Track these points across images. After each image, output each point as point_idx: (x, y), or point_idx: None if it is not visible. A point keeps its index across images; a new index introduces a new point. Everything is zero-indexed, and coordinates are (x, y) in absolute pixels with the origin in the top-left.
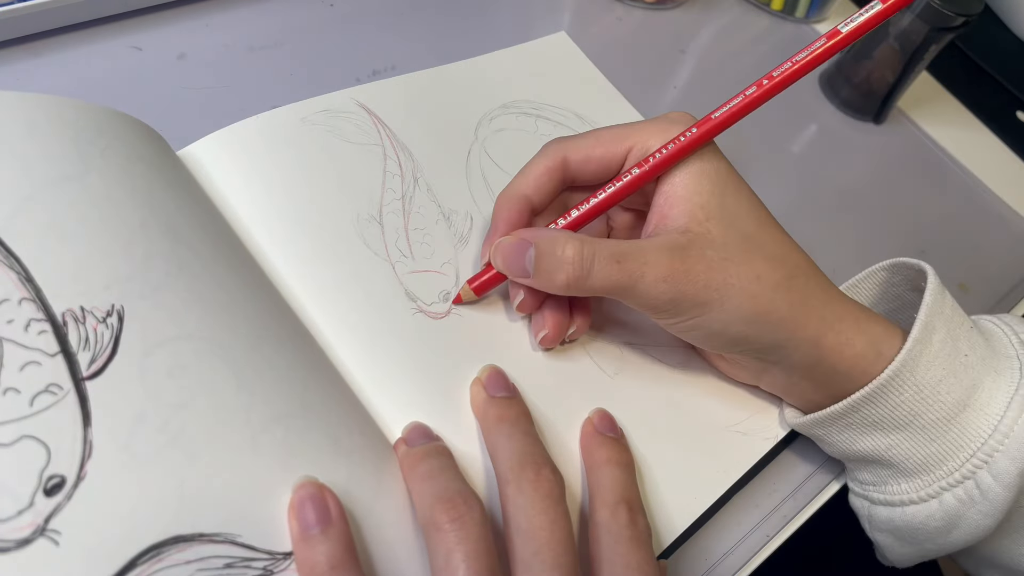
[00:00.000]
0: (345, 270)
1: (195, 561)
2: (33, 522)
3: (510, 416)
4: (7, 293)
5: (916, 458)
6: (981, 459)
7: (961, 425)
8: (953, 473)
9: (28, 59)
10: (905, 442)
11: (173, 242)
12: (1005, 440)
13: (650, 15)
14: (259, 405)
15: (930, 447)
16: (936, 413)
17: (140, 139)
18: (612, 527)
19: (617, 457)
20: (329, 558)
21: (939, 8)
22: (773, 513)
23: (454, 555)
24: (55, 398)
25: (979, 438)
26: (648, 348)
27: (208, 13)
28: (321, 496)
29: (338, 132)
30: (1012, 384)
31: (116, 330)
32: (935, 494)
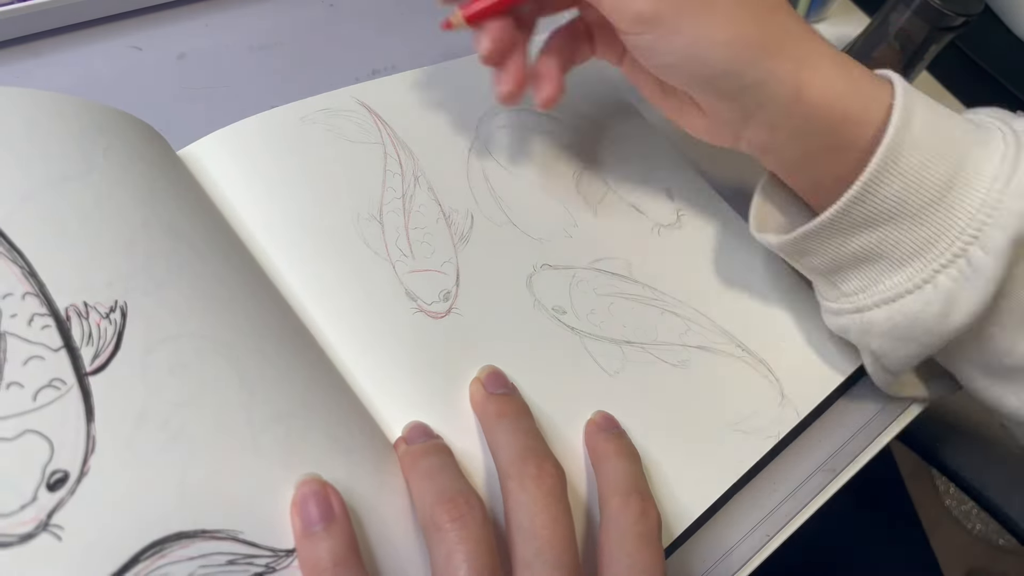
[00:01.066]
0: (345, 269)
1: (197, 557)
2: (36, 517)
3: (510, 412)
4: (10, 287)
5: (907, 244)
6: (971, 235)
7: (949, 204)
8: (944, 253)
9: (28, 59)
10: (894, 231)
11: (175, 240)
12: (993, 212)
13: None
14: (260, 403)
15: (919, 231)
16: (923, 197)
17: (141, 138)
18: (621, 521)
19: (624, 449)
20: (332, 555)
21: (939, 8)
22: (773, 513)
23: (455, 555)
24: (58, 393)
25: (967, 214)
26: (649, 347)
27: (208, 13)
28: (324, 493)
29: (338, 131)
30: (998, 153)
31: (119, 326)
32: (929, 278)
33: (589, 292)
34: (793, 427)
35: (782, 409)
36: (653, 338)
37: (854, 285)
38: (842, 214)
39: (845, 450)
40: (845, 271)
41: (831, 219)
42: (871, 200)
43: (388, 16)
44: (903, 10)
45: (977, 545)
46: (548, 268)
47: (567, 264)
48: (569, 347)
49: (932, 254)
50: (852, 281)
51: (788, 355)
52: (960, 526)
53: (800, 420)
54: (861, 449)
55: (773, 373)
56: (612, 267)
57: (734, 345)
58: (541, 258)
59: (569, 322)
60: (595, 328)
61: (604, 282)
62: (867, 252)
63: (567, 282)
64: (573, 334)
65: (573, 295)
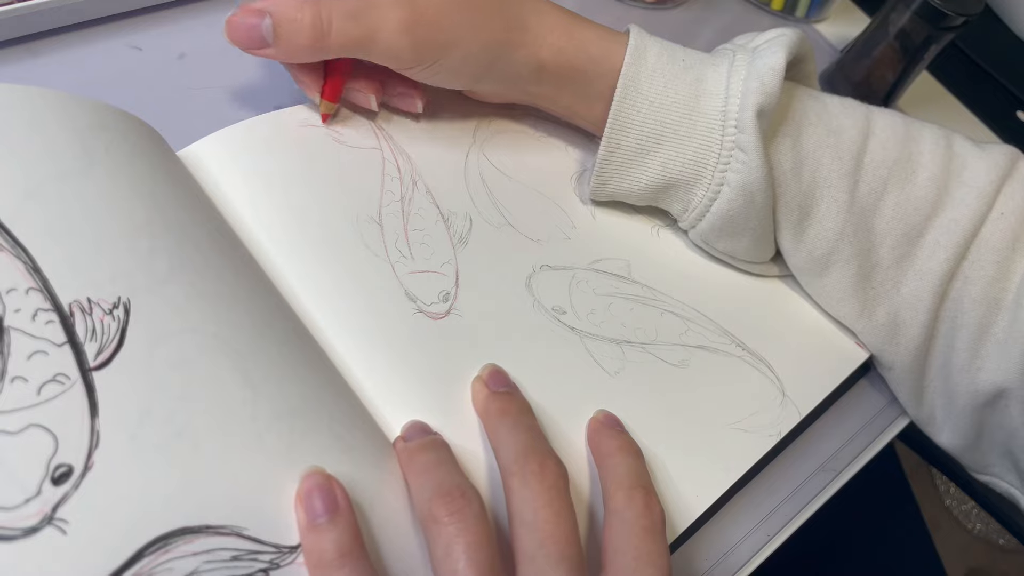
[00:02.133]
0: (345, 270)
1: (202, 553)
2: (41, 511)
3: (512, 410)
4: (14, 282)
5: (687, 161)
6: (731, 132)
7: (702, 113)
8: (720, 157)
9: (28, 59)
10: (671, 152)
11: (176, 238)
12: (737, 101)
13: (650, 15)
14: (263, 400)
15: (690, 145)
16: (676, 113)
17: (142, 137)
18: (626, 515)
19: (628, 446)
20: (338, 546)
21: (939, 8)
22: (773, 513)
23: (454, 547)
24: (62, 387)
25: (719, 114)
26: (648, 346)
27: (208, 13)
28: (329, 486)
29: (337, 135)
30: (728, 64)
31: (122, 322)
32: (720, 182)
33: (588, 292)
34: (794, 426)
35: (783, 408)
36: (653, 338)
37: (677, 208)
38: (612, 147)
39: (845, 450)
40: (664, 200)
41: (604, 154)
42: (629, 127)
43: None
44: (903, 10)
45: (977, 545)
46: (547, 269)
47: (566, 265)
48: (569, 347)
49: (711, 160)
50: (674, 205)
51: (789, 354)
52: (960, 526)
53: (801, 419)
54: (861, 449)
55: (774, 372)
56: (611, 267)
57: (734, 344)
58: (540, 259)
59: (569, 322)
60: (595, 328)
61: (603, 282)
62: (661, 181)
63: (566, 283)
64: (573, 334)
65: (572, 295)
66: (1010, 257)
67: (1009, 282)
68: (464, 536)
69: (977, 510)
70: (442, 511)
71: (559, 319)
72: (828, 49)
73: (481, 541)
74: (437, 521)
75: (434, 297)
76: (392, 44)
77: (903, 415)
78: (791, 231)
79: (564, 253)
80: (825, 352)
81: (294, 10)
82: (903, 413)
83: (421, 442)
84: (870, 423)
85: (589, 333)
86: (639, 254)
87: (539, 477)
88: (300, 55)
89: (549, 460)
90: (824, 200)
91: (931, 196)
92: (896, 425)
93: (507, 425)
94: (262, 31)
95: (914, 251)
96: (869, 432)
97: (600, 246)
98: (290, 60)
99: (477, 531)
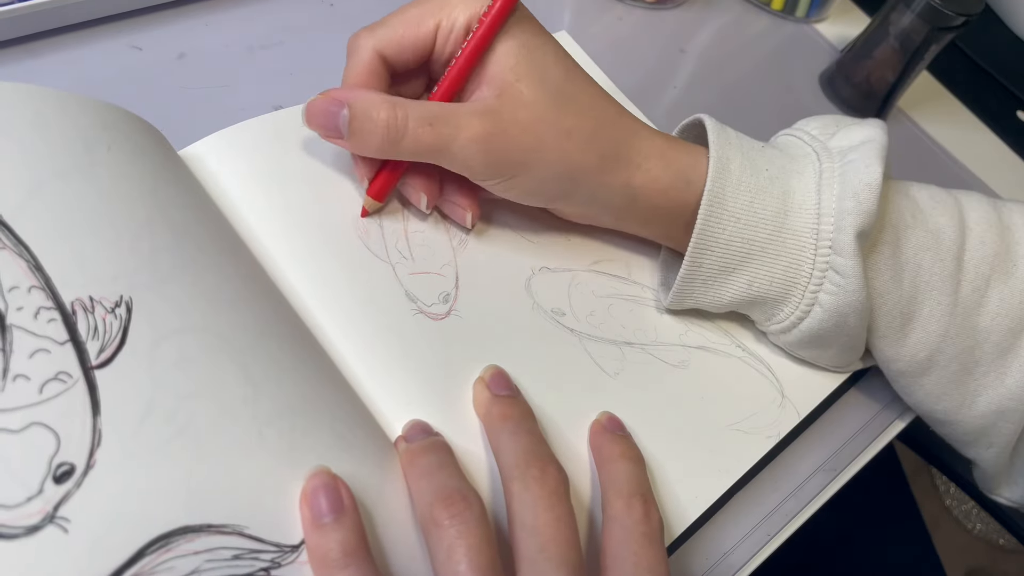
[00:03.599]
0: (345, 271)
1: (203, 552)
2: (42, 509)
3: (514, 414)
4: (16, 280)
5: (775, 281)
6: (824, 252)
7: (792, 231)
8: (812, 277)
9: (28, 59)
10: (758, 271)
11: (179, 236)
12: (831, 220)
13: (650, 14)
14: (264, 399)
15: (779, 264)
16: (765, 231)
17: (143, 135)
18: (626, 521)
19: (629, 452)
20: (343, 546)
21: (939, 8)
22: (774, 512)
23: (455, 551)
24: (64, 386)
25: (812, 233)
26: (649, 347)
27: (208, 13)
28: (334, 485)
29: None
30: (815, 174)
31: (124, 321)
32: (811, 302)
33: (588, 294)
34: (793, 427)
35: (782, 409)
36: (653, 339)
37: (758, 317)
38: (694, 267)
39: (845, 450)
40: (742, 310)
41: (686, 273)
42: (714, 246)
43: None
44: (903, 10)
45: (977, 545)
46: (547, 270)
47: (566, 266)
48: (569, 348)
49: (802, 280)
50: (755, 314)
51: (789, 355)
52: (960, 526)
53: (800, 420)
54: (861, 449)
55: (773, 373)
56: (611, 269)
57: (734, 345)
58: (540, 261)
59: (568, 324)
60: (594, 329)
61: (603, 284)
62: (747, 298)
63: (566, 284)
64: (572, 335)
65: (572, 297)
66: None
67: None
68: (465, 539)
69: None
70: (443, 514)
71: (559, 321)
72: (828, 49)
73: (482, 544)
74: (438, 524)
75: (434, 298)
76: (466, 156)
77: (903, 416)
78: (892, 338)
79: (564, 254)
80: None
81: (372, 107)
82: (903, 414)
83: (422, 443)
84: (870, 423)
85: (589, 334)
86: (638, 255)
87: (540, 482)
88: (371, 153)
89: (550, 465)
90: (927, 304)
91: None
92: (896, 426)
93: (508, 430)
94: (339, 122)
95: (1020, 342)
96: (869, 432)
97: (599, 247)
98: (362, 155)
99: (478, 534)
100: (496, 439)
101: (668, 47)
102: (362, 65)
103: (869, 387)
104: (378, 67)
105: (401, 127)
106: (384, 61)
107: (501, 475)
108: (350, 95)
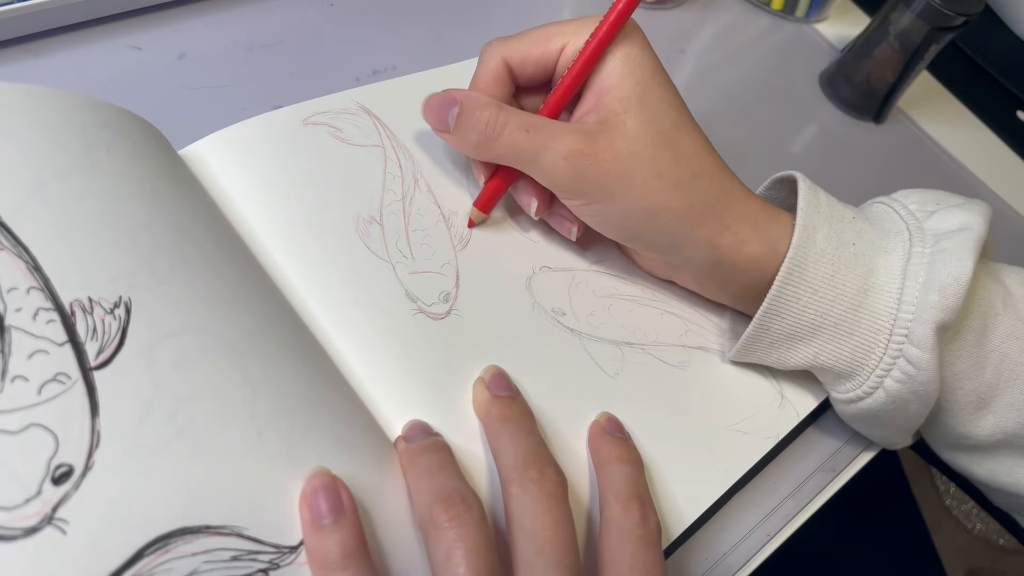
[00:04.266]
0: (345, 271)
1: (201, 553)
2: (41, 511)
3: (513, 415)
4: (15, 281)
5: (843, 357)
6: (899, 339)
7: (869, 311)
8: (881, 361)
9: (28, 59)
10: (827, 344)
11: (178, 237)
12: (912, 309)
13: (650, 14)
14: (264, 400)
15: (850, 342)
16: (841, 307)
17: (143, 136)
18: (623, 525)
19: (627, 455)
20: (342, 547)
21: (939, 8)
22: (774, 513)
23: (454, 553)
24: (63, 387)
25: (889, 317)
26: (649, 347)
27: (208, 13)
28: (334, 486)
29: (339, 133)
30: (903, 256)
31: (123, 322)
32: (875, 385)
33: (588, 294)
34: (793, 427)
35: (782, 410)
36: (653, 339)
37: (822, 379)
38: (761, 329)
39: (845, 450)
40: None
41: (753, 333)
42: (786, 313)
43: (388, 16)
44: (903, 10)
45: (977, 545)
46: (547, 270)
47: (566, 266)
48: (569, 348)
49: (870, 363)
50: (820, 376)
51: None
52: (960, 526)
53: (800, 420)
54: (861, 449)
55: (773, 374)
56: (611, 268)
57: None
58: (540, 260)
59: (568, 323)
60: (595, 329)
61: (603, 284)
62: (812, 365)
63: (566, 284)
64: (573, 335)
65: (572, 297)
66: None
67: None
68: (464, 542)
69: (977, 510)
70: (442, 516)
71: (559, 320)
72: (828, 49)
73: (481, 547)
74: (437, 526)
75: (435, 297)
76: (552, 169)
77: None
78: (964, 419)
79: (564, 254)
80: None
81: (478, 107)
82: None
83: (422, 444)
84: None
85: (589, 335)
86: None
87: (539, 484)
88: (468, 150)
89: (549, 468)
90: (1008, 392)
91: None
92: None
93: (508, 431)
94: (448, 116)
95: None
96: None
97: (600, 247)
98: (461, 151)
99: (477, 537)
100: (495, 440)
101: (668, 47)
102: (488, 71)
103: None
104: (503, 75)
105: (499, 129)
106: (510, 71)
107: (500, 476)
108: (463, 94)
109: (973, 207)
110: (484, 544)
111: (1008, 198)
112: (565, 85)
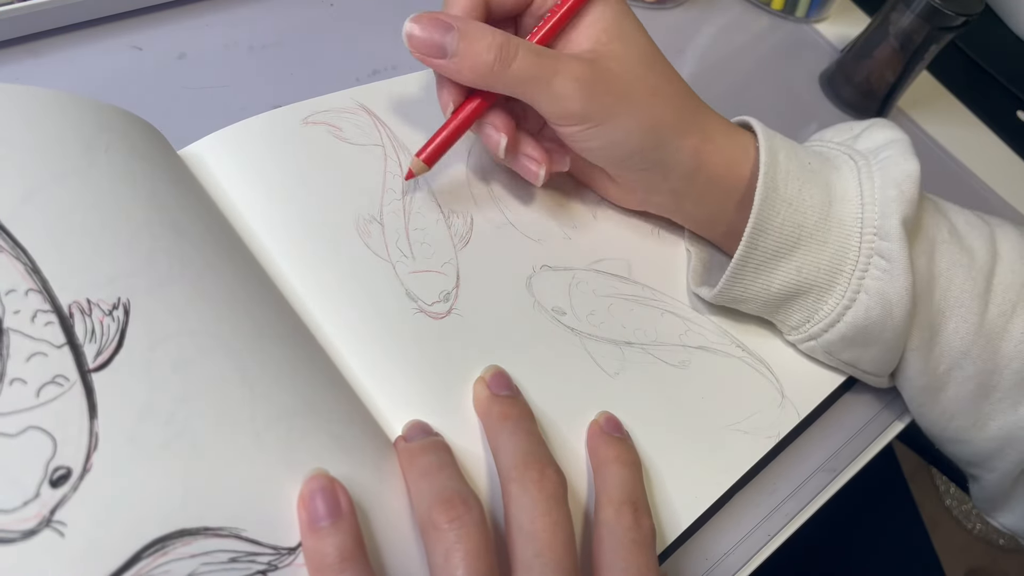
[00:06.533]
0: (346, 270)
1: (200, 555)
2: (39, 513)
3: (514, 415)
4: (13, 283)
5: (823, 266)
6: (869, 237)
7: (837, 219)
8: (858, 263)
9: (28, 59)
10: (807, 256)
11: (177, 238)
12: (876, 208)
13: (650, 14)
14: (262, 401)
15: (826, 250)
16: (814, 216)
17: (142, 136)
18: (616, 528)
19: (624, 456)
20: (339, 550)
21: (939, 8)
22: (774, 513)
23: (453, 555)
24: (61, 389)
25: (856, 221)
26: (648, 347)
27: (208, 13)
28: (332, 489)
29: (339, 132)
30: (852, 168)
31: (122, 323)
32: (857, 288)
33: (588, 293)
34: (793, 427)
35: (782, 409)
36: (653, 339)
37: (798, 318)
38: (751, 248)
39: (845, 450)
40: (785, 309)
41: (744, 255)
42: (770, 228)
43: (388, 16)
44: (903, 10)
45: (977, 545)
46: (547, 269)
47: (567, 265)
48: (569, 348)
49: (847, 267)
50: (795, 315)
51: (788, 355)
52: (960, 526)
53: (800, 420)
54: (861, 449)
55: (773, 373)
56: (612, 268)
57: (734, 345)
58: (540, 259)
59: (569, 323)
60: (595, 329)
61: (604, 283)
62: (793, 287)
63: (567, 283)
64: (573, 335)
65: (573, 296)
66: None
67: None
68: (463, 543)
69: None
70: (442, 517)
71: (559, 320)
72: (828, 49)
73: (480, 549)
74: (437, 527)
75: (435, 297)
76: (565, 93)
77: (902, 416)
78: (922, 350)
79: (565, 253)
80: None
81: (484, 32)
82: (902, 414)
83: (422, 443)
84: (870, 423)
85: (589, 334)
86: (639, 254)
87: (539, 485)
88: (474, 73)
89: (549, 468)
90: (953, 319)
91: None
92: (895, 426)
93: (508, 430)
94: (445, 40)
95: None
96: (869, 432)
97: (600, 246)
98: (459, 77)
99: (476, 539)
100: (495, 439)
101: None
102: None
103: (869, 388)
104: (479, 3)
105: (513, 52)
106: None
107: (499, 475)
108: (459, 19)
109: (882, 123)
110: (484, 546)
111: (1008, 198)
112: (560, 15)
